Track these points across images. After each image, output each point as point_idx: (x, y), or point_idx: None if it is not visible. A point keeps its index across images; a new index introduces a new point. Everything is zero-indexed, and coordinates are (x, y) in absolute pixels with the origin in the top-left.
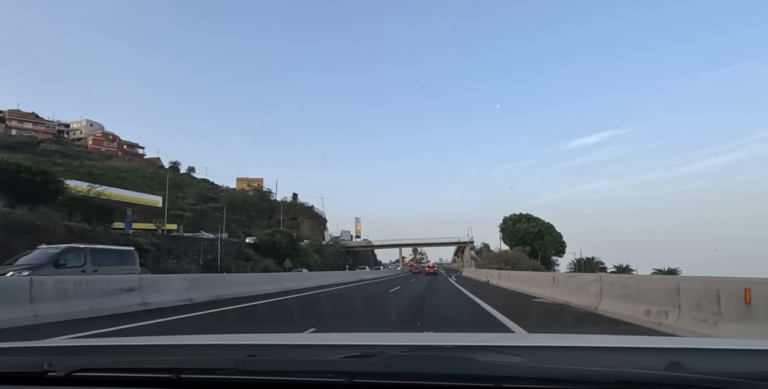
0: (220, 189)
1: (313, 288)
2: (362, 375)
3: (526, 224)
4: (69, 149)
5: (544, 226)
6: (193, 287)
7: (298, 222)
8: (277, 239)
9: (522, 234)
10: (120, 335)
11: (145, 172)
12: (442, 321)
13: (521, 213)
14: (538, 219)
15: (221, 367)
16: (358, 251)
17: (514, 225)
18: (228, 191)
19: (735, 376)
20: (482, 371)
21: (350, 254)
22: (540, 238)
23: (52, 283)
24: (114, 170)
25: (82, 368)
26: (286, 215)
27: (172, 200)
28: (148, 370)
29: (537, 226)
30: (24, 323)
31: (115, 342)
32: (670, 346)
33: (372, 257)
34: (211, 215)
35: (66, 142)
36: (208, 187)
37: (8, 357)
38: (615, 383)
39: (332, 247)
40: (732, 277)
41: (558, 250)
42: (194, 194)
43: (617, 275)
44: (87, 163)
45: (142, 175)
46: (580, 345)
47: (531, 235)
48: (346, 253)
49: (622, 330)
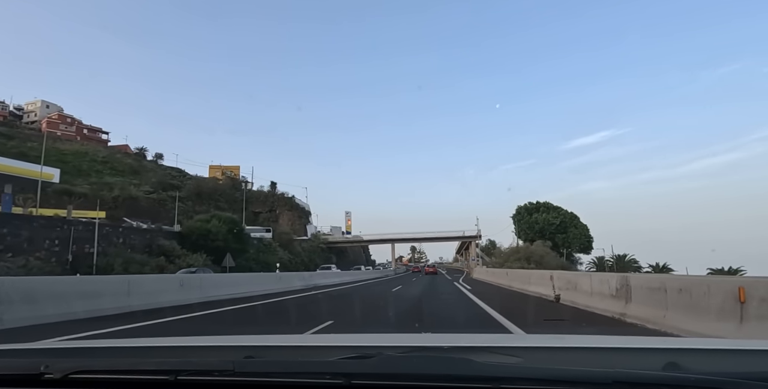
0: (187, 177)
1: (198, 304)
2: (360, 377)
3: (545, 215)
4: (17, 132)
5: (567, 216)
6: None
7: (276, 215)
8: (213, 227)
9: (541, 226)
10: None
11: (95, 155)
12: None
13: (538, 201)
14: (560, 208)
15: (219, 369)
16: (344, 247)
17: (530, 216)
18: (195, 179)
19: (732, 376)
20: (480, 372)
21: (334, 252)
22: (563, 231)
23: None
24: (57, 152)
25: (79, 370)
26: (263, 206)
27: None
28: (146, 372)
29: (559, 216)
30: None
31: (112, 344)
32: (668, 346)
33: (364, 255)
34: (171, 206)
35: (16, 125)
36: (174, 175)
37: (4, 359)
38: (613, 383)
39: (310, 242)
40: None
41: (584, 246)
42: (151, 180)
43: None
44: (25, 144)
45: (92, 158)
46: (578, 345)
47: (552, 227)
48: (329, 250)
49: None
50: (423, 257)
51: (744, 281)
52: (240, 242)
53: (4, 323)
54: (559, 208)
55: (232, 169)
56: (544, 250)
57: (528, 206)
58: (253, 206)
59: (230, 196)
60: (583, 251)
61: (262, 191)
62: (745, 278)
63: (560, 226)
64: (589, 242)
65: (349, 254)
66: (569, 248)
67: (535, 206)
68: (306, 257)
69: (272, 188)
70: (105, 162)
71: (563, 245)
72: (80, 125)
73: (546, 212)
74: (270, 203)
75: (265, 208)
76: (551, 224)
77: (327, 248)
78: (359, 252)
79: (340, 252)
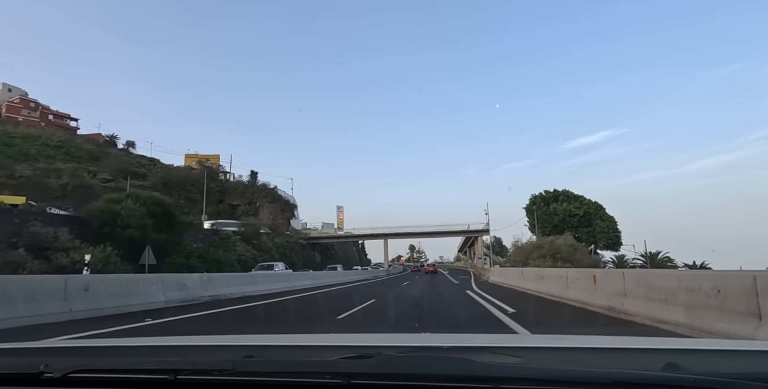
0: (158, 166)
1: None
2: (360, 376)
3: (565, 204)
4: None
5: (591, 207)
6: None
7: (257, 207)
8: (126, 209)
9: (561, 218)
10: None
11: (49, 140)
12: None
13: (556, 190)
14: (582, 198)
15: (219, 368)
16: (330, 244)
17: (547, 206)
18: (163, 167)
19: (731, 377)
20: (480, 372)
21: (318, 250)
22: (587, 224)
23: None
24: (2, 134)
25: (79, 369)
26: (242, 198)
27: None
28: (145, 371)
29: (582, 206)
30: None
31: (112, 343)
32: (667, 347)
33: (357, 254)
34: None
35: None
36: (144, 163)
37: (4, 358)
38: (612, 384)
39: (287, 238)
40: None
41: (612, 241)
42: (110, 168)
43: None
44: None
45: (44, 143)
46: (578, 345)
47: (574, 219)
48: (311, 247)
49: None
50: (422, 256)
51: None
52: (170, 232)
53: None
54: (582, 197)
55: (210, 158)
56: (576, 244)
57: (544, 195)
58: (231, 197)
59: (204, 186)
60: (610, 247)
61: (241, 181)
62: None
63: (584, 218)
64: (617, 238)
65: (337, 253)
66: (595, 243)
67: (552, 195)
68: (279, 254)
69: (252, 178)
70: (59, 147)
71: (587, 240)
72: (45, 110)
73: (567, 202)
74: (249, 194)
75: (244, 200)
76: (573, 216)
77: (309, 244)
78: (350, 251)
79: (326, 250)
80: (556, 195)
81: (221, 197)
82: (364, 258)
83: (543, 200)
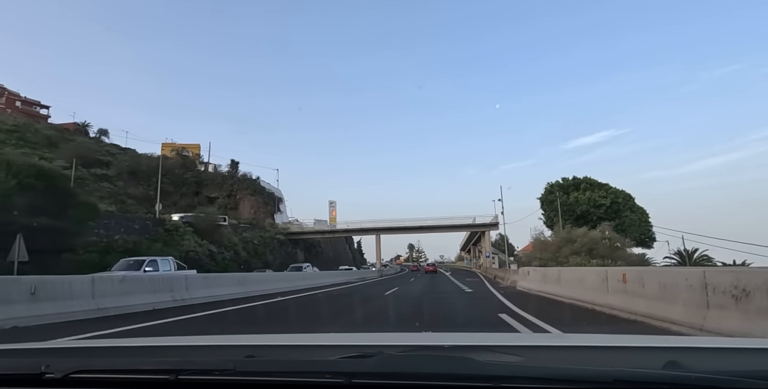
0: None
1: None
2: (361, 376)
3: (589, 193)
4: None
5: (619, 196)
6: None
7: (237, 200)
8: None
9: (584, 208)
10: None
11: (2, 124)
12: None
13: (575, 177)
14: (607, 186)
15: (220, 368)
16: (315, 241)
17: (567, 195)
18: (133, 155)
19: (732, 375)
20: (480, 371)
21: (302, 247)
22: (614, 216)
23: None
24: None
25: (80, 369)
26: (220, 190)
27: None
28: (146, 371)
29: (608, 196)
30: None
31: (113, 344)
32: (668, 345)
33: (350, 253)
34: (97, 185)
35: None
36: (113, 152)
37: (5, 359)
38: (613, 382)
39: (261, 232)
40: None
41: (645, 237)
42: (68, 154)
43: None
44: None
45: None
46: (579, 344)
47: (600, 210)
48: (293, 244)
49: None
50: (422, 256)
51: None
52: (63, 217)
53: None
54: (607, 185)
55: (189, 147)
56: (615, 236)
57: (563, 183)
58: (208, 189)
59: (178, 177)
60: (642, 244)
61: (220, 172)
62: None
63: (610, 209)
64: (648, 232)
65: (324, 251)
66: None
67: (572, 183)
68: (249, 252)
69: (232, 168)
70: (13, 132)
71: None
72: (12, 96)
73: (591, 190)
74: (229, 186)
75: (223, 192)
76: (598, 207)
77: (291, 241)
78: (342, 249)
79: (311, 248)
80: (576, 183)
81: (197, 188)
82: (360, 258)
83: (561, 188)
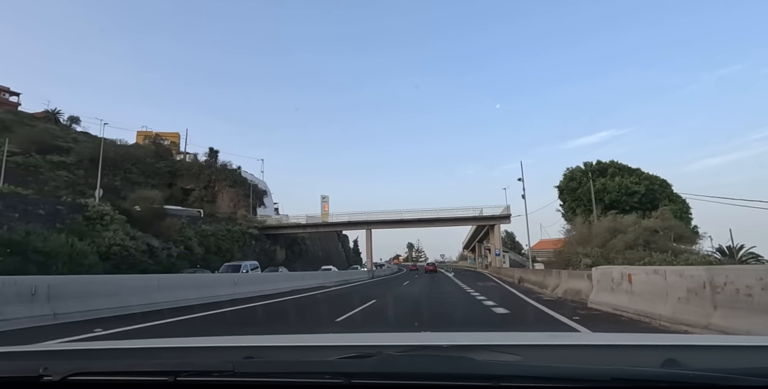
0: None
1: None
2: (360, 376)
3: (619, 179)
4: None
5: (655, 183)
6: None
7: (214, 192)
8: None
9: (613, 196)
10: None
11: None
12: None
13: (601, 161)
14: (638, 170)
15: (218, 369)
16: (299, 236)
17: (592, 183)
18: (95, 142)
19: (730, 372)
20: (480, 370)
21: (284, 244)
22: (650, 205)
23: None
24: None
25: (78, 372)
26: (197, 181)
27: None
28: (145, 373)
29: (641, 182)
30: None
31: (111, 346)
32: (666, 343)
33: (343, 252)
34: (50, 174)
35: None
36: (81, 139)
37: (3, 362)
38: (611, 380)
39: (231, 225)
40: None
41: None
42: (22, 139)
43: None
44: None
45: None
46: (577, 343)
47: (633, 199)
48: (273, 240)
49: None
50: (422, 255)
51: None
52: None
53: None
54: (638, 170)
55: (168, 136)
56: (676, 225)
57: (587, 168)
58: (184, 181)
59: (150, 166)
60: (681, 239)
61: (197, 161)
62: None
63: (645, 197)
64: (690, 225)
65: (312, 249)
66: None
67: (600, 168)
68: (208, 248)
69: (210, 157)
70: None
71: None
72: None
73: (621, 176)
74: (206, 176)
75: (200, 184)
76: (631, 194)
77: (270, 237)
78: (334, 248)
79: (293, 245)
80: (602, 168)
81: (171, 179)
82: (355, 258)
83: (584, 175)
